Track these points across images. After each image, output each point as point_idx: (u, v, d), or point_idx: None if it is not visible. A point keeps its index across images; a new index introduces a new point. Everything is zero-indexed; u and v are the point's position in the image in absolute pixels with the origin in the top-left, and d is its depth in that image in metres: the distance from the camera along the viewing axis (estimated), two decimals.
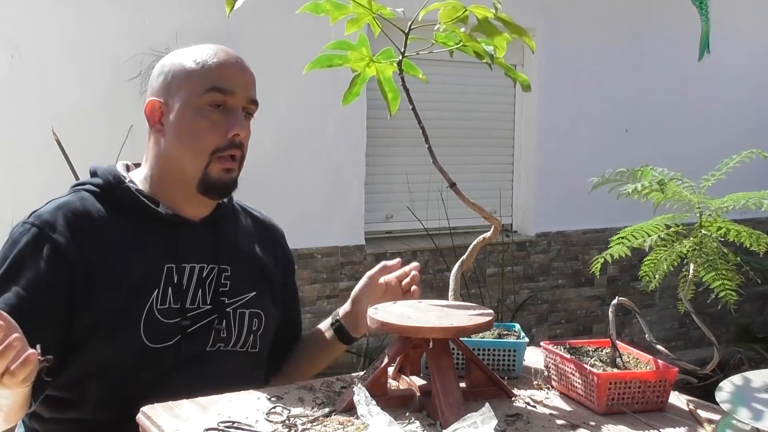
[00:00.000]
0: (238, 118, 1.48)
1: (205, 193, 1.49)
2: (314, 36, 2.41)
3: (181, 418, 1.22)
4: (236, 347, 1.52)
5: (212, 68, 1.47)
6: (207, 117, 1.46)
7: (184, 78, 1.47)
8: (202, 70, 1.47)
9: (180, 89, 1.47)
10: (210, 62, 1.48)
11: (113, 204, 1.48)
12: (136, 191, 1.49)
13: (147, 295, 1.44)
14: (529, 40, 1.37)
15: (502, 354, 1.43)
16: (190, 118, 1.46)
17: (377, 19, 1.34)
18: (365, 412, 1.09)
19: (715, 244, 1.35)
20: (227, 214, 1.60)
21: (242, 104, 1.49)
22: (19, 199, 3.29)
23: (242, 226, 1.64)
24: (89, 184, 1.51)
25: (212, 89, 1.46)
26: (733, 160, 1.41)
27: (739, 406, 1.14)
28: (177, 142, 1.48)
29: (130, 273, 1.43)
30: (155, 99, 1.50)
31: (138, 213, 1.48)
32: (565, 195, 4.80)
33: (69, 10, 3.48)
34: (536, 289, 4.88)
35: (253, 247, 1.62)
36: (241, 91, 1.48)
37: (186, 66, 1.48)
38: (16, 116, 3.42)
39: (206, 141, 1.46)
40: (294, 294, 1.77)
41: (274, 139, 3.96)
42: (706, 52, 5.21)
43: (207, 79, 1.46)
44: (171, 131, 1.48)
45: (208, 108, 1.46)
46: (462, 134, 4.61)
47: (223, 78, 1.47)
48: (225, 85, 1.46)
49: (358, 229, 4.27)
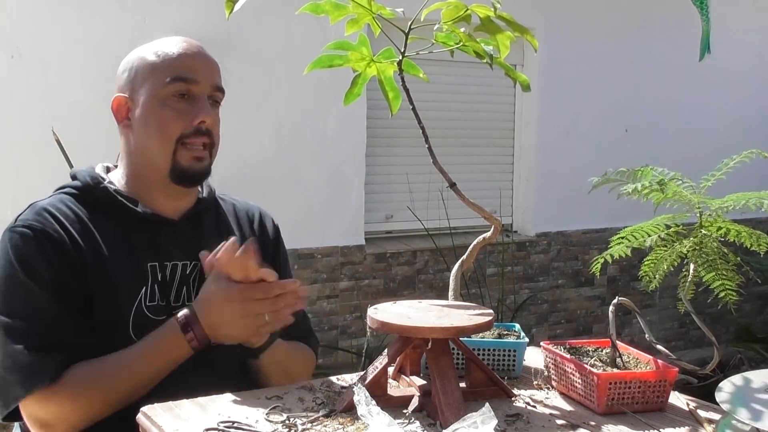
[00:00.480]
0: (203, 106, 1.49)
1: (177, 181, 1.50)
2: (314, 36, 2.42)
3: (181, 418, 1.22)
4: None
5: (174, 59, 1.49)
6: (172, 107, 1.47)
7: (148, 71, 1.49)
8: (164, 62, 1.48)
9: (144, 83, 1.49)
10: (172, 53, 1.49)
11: (93, 205, 1.49)
12: (114, 191, 1.50)
13: (135, 292, 1.45)
14: (532, 38, 1.37)
15: (502, 354, 1.43)
16: (156, 109, 1.48)
17: (377, 19, 1.34)
18: (365, 412, 1.09)
19: (715, 244, 1.35)
20: (208, 208, 1.60)
21: (207, 92, 1.50)
22: (19, 199, 3.27)
23: (223, 219, 1.63)
24: (69, 188, 1.52)
25: (175, 79, 1.47)
26: (733, 160, 1.41)
27: (739, 406, 1.14)
28: (144, 134, 1.50)
29: (117, 272, 1.44)
30: (120, 95, 1.52)
31: (118, 213, 1.49)
32: (565, 195, 4.80)
33: (69, 10, 3.48)
34: (536, 289, 4.88)
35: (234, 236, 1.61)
36: (204, 79, 1.50)
37: (148, 59, 1.50)
38: (16, 116, 3.41)
39: (171, 129, 1.47)
40: (287, 270, 1.70)
41: (274, 139, 3.96)
42: (707, 53, 5.21)
43: (170, 70, 1.48)
44: (138, 125, 1.50)
45: (172, 98, 1.47)
46: (462, 134, 4.61)
47: (186, 67, 1.49)
48: (188, 74, 1.48)
49: (358, 229, 4.26)
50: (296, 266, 4.07)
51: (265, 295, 1.37)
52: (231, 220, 1.64)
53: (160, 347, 1.40)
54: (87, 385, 1.37)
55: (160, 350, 1.40)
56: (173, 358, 1.41)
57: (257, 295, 1.37)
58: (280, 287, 1.39)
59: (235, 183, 3.71)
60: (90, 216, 1.47)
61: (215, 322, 1.39)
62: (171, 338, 1.40)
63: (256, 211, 1.70)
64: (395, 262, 4.38)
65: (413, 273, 4.41)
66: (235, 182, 3.76)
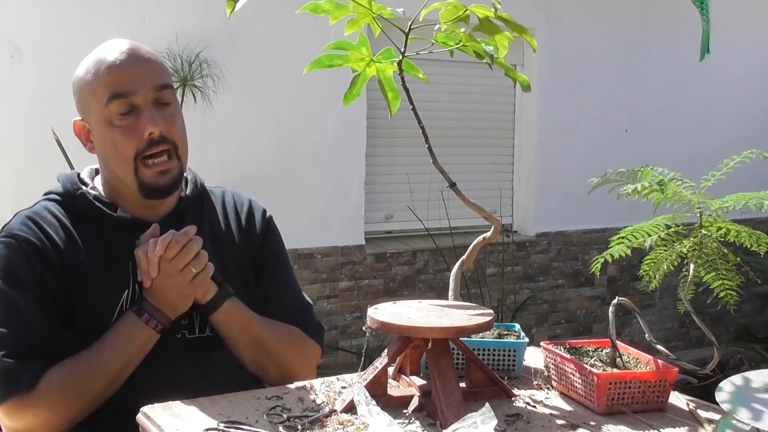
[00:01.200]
0: (147, 116, 1.44)
1: (148, 196, 1.49)
2: (314, 36, 2.41)
3: (181, 418, 1.22)
4: (204, 333, 1.51)
5: (105, 75, 1.44)
6: (118, 126, 1.45)
7: (87, 93, 1.47)
8: (98, 80, 1.44)
9: (89, 106, 1.47)
10: (102, 69, 1.44)
11: (75, 211, 1.49)
12: (94, 198, 1.50)
13: (117, 297, 1.46)
14: (531, 38, 1.37)
15: (502, 354, 1.43)
16: (106, 132, 1.46)
17: (377, 19, 1.34)
18: (365, 412, 1.09)
19: (715, 244, 1.35)
20: (191, 204, 1.59)
21: (150, 96, 1.45)
22: (19, 199, 3.27)
23: (209, 213, 1.61)
24: (53, 193, 1.52)
25: (112, 97, 1.43)
26: (733, 161, 1.41)
27: (739, 406, 1.14)
28: (104, 158, 1.50)
29: (98, 278, 1.45)
30: (78, 120, 1.51)
31: (98, 219, 1.49)
32: (565, 195, 4.80)
33: (69, 10, 3.48)
34: (536, 289, 4.88)
35: (219, 231, 1.60)
36: (141, 85, 1.44)
37: (85, 79, 1.47)
38: (16, 116, 3.42)
39: (124, 150, 1.45)
40: (278, 262, 1.67)
41: (274, 139, 3.96)
42: (707, 53, 5.21)
43: (104, 88, 1.44)
44: (97, 149, 1.50)
45: (117, 117, 1.44)
46: (462, 134, 4.61)
47: (118, 81, 1.43)
48: (122, 88, 1.43)
49: (358, 229, 4.27)
50: (296, 266, 4.07)
51: (175, 252, 1.42)
52: (218, 212, 1.62)
53: (123, 337, 1.43)
54: (63, 389, 1.38)
55: (125, 339, 1.43)
56: (140, 345, 1.44)
57: (169, 256, 1.41)
58: (184, 236, 1.43)
59: (235, 183, 3.70)
60: (73, 222, 1.48)
61: (158, 296, 1.44)
62: (131, 325, 1.44)
63: (246, 202, 1.67)
64: (395, 262, 4.38)
65: (413, 273, 4.41)
66: (235, 182, 3.76)
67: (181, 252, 1.42)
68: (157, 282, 1.43)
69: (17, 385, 1.35)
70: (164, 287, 1.43)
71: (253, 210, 1.66)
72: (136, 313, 1.44)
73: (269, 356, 1.54)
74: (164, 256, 1.41)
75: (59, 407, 1.38)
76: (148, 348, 1.44)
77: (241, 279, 1.58)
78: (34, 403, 1.36)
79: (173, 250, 1.42)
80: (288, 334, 1.60)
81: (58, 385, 1.37)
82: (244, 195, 1.69)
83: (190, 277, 1.43)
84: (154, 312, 1.44)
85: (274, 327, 1.58)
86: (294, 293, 1.67)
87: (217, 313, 1.49)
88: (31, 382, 1.36)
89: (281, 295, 1.64)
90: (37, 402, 1.36)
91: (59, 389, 1.37)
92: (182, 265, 1.42)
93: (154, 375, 1.44)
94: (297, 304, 1.66)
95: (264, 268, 1.63)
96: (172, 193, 1.53)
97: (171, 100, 1.49)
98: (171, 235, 1.42)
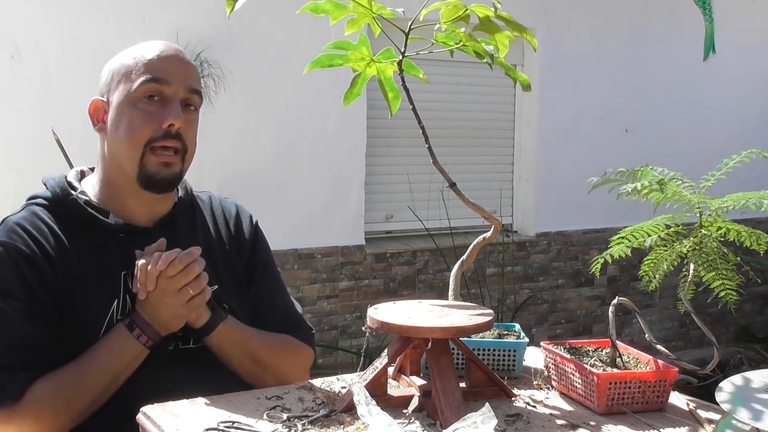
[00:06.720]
0: (174, 108, 1.45)
1: (145, 187, 1.47)
2: (314, 36, 2.41)
3: (181, 418, 1.22)
4: (198, 343, 1.50)
5: (148, 60, 1.47)
6: (142, 108, 1.45)
7: (123, 73, 1.48)
8: (138, 63, 1.47)
9: (119, 85, 1.48)
10: (147, 55, 1.48)
11: (64, 217, 1.47)
12: (84, 203, 1.48)
13: (108, 306, 1.44)
14: (531, 38, 1.37)
15: (502, 354, 1.43)
16: (127, 110, 1.46)
17: (377, 19, 1.34)
18: (365, 412, 1.09)
19: (715, 244, 1.35)
20: (183, 210, 1.58)
21: (181, 95, 1.47)
22: (19, 199, 3.27)
23: (200, 218, 1.60)
24: (40, 198, 1.50)
25: (147, 80, 1.45)
26: (733, 160, 1.41)
27: (739, 406, 1.14)
28: (114, 136, 1.48)
29: (89, 286, 1.43)
30: (98, 98, 1.51)
31: (89, 224, 1.47)
32: (565, 195, 4.80)
33: (69, 10, 3.48)
34: (536, 289, 4.88)
35: (210, 237, 1.59)
36: (178, 80, 1.47)
37: (125, 62, 1.49)
38: (16, 116, 3.42)
39: (140, 131, 1.45)
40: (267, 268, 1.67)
41: (274, 139, 3.96)
42: (712, 52, 5.20)
43: (143, 71, 1.46)
44: (110, 127, 1.49)
45: (143, 100, 1.46)
46: (462, 134, 4.61)
47: (158, 68, 1.46)
48: (159, 74, 1.46)
49: (358, 229, 4.27)
50: (296, 266, 4.07)
51: (176, 271, 1.39)
52: (208, 219, 1.62)
53: (113, 351, 1.41)
54: (50, 402, 1.36)
55: (114, 353, 1.41)
56: (129, 360, 1.42)
57: (170, 274, 1.39)
58: (188, 256, 1.41)
59: (235, 183, 3.73)
60: (62, 227, 1.45)
61: (151, 311, 1.41)
62: (121, 339, 1.41)
63: (233, 208, 1.66)
64: (395, 262, 4.38)
65: (413, 273, 4.41)
66: (235, 182, 3.79)
67: (182, 272, 1.40)
68: (152, 297, 1.41)
69: (3, 396, 1.33)
70: (158, 304, 1.41)
71: (240, 216, 1.66)
72: (128, 327, 1.42)
73: (265, 369, 1.54)
74: (165, 272, 1.39)
75: (46, 419, 1.36)
76: (137, 363, 1.42)
77: (234, 284, 1.58)
78: (21, 415, 1.34)
79: (175, 268, 1.39)
80: (282, 345, 1.60)
81: (45, 397, 1.35)
82: (229, 200, 1.69)
83: (186, 298, 1.41)
84: (144, 327, 1.42)
85: (268, 339, 1.57)
86: (284, 299, 1.68)
87: (210, 337, 1.48)
88: (17, 394, 1.34)
89: (272, 301, 1.64)
90: (24, 414, 1.34)
91: (46, 402, 1.35)
92: (181, 285, 1.40)
93: (146, 385, 1.41)
94: (288, 309, 1.67)
95: (255, 274, 1.63)
96: (168, 191, 1.52)
97: (197, 107, 1.52)
98: (176, 253, 1.40)
